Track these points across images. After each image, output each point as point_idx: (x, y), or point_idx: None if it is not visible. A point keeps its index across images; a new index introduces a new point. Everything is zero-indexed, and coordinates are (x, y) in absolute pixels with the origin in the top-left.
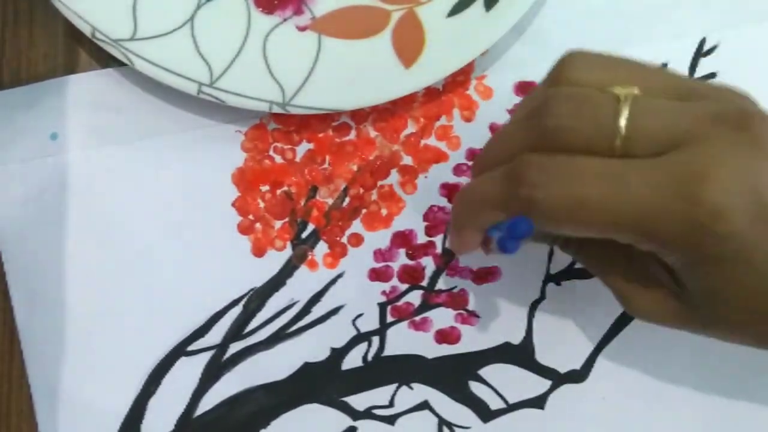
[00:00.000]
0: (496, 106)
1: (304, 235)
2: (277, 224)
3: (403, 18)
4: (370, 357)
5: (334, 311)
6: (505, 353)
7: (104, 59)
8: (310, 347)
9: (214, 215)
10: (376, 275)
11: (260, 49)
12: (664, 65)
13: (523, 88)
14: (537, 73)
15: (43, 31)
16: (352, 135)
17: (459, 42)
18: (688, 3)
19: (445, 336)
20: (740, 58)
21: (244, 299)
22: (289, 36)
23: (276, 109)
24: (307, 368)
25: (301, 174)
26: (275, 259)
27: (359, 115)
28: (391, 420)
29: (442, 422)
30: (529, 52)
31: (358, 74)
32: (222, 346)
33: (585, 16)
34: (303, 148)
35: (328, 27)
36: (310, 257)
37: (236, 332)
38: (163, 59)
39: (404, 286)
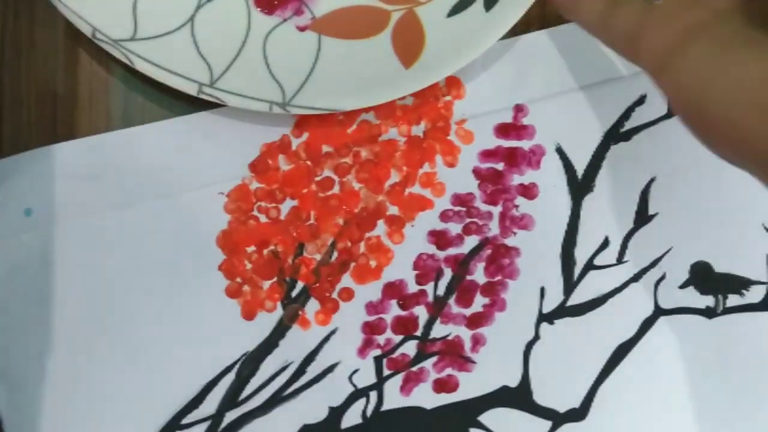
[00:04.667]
0: (478, 149)
1: (293, 293)
2: (266, 285)
3: (403, 18)
4: (369, 413)
5: (330, 369)
6: (503, 397)
7: (104, 59)
8: (307, 408)
9: (201, 281)
10: (370, 329)
11: (260, 50)
12: None
13: (502, 129)
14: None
15: (43, 31)
16: (336, 189)
17: (459, 42)
18: None
19: (443, 385)
20: None
21: (237, 365)
22: (289, 36)
23: (276, 110)
24: (307, 430)
25: (287, 232)
26: (266, 321)
27: (342, 168)
28: None
29: None
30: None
31: (358, 74)
32: (217, 416)
33: None
34: (287, 205)
35: (328, 27)
36: (301, 316)
37: (231, 400)
38: (164, 59)
39: (398, 338)
